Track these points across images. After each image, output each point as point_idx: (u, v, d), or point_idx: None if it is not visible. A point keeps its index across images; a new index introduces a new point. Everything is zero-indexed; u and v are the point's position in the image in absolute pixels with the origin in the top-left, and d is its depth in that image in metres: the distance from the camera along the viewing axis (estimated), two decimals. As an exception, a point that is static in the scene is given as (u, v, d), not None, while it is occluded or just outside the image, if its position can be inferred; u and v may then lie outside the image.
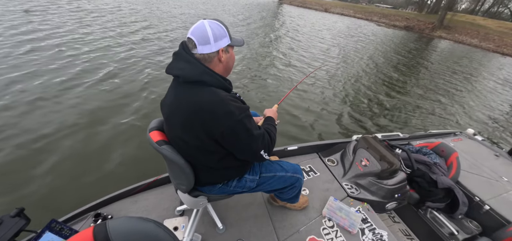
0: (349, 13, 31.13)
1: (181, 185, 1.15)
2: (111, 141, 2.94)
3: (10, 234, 1.00)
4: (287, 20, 17.05)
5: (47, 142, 2.76)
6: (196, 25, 0.93)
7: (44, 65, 4.47)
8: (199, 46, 0.92)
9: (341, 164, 2.12)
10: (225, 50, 0.99)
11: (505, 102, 7.50)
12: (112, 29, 7.48)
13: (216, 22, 0.96)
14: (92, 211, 1.46)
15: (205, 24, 0.93)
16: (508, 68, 13.78)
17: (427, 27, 25.80)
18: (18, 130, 2.86)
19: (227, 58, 1.01)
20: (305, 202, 1.69)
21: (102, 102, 3.66)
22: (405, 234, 2.10)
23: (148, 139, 1.06)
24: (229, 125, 0.91)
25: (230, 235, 1.45)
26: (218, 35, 0.94)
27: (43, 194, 2.20)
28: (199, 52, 0.93)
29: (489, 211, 1.89)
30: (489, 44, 22.05)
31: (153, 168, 2.29)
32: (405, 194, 1.89)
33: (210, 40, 0.92)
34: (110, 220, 0.61)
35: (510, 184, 2.19)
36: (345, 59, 9.09)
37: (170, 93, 1.03)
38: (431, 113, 5.61)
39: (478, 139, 2.96)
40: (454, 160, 2.17)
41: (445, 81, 8.47)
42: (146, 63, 5.40)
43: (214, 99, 0.90)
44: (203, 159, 1.04)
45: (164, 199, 1.63)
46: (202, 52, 0.93)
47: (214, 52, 0.95)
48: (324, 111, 4.66)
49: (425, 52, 14.20)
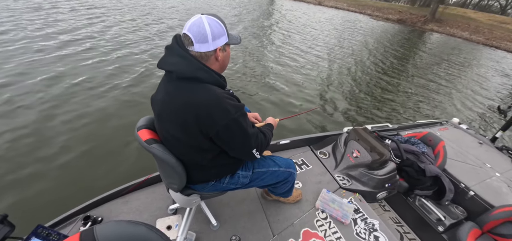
0: (343, 6, 30.99)
1: (172, 184, 1.12)
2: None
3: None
4: (282, 16, 16.78)
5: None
6: (193, 21, 0.88)
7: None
8: (196, 44, 0.88)
9: (333, 156, 2.15)
10: (223, 48, 0.95)
11: (489, 92, 7.82)
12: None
13: (214, 19, 0.91)
14: (81, 214, 1.42)
15: (204, 21, 0.88)
16: (497, 60, 14.23)
17: (420, 20, 26.05)
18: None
19: (224, 57, 0.98)
20: (299, 196, 1.70)
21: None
22: (395, 222, 2.16)
23: (136, 138, 1.02)
24: (224, 123, 0.89)
25: (225, 232, 1.45)
26: (216, 33, 0.90)
27: (26, 199, 2.12)
28: (196, 50, 0.89)
29: (474, 196, 1.97)
30: (479, 37, 22.43)
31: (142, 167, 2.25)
32: (395, 183, 1.94)
33: (208, 39, 0.88)
34: (98, 225, 0.58)
35: (493, 170, 2.29)
36: (337, 52, 9.16)
37: (161, 88, 0.99)
38: (420, 102, 5.80)
39: (463, 127, 3.07)
40: (441, 149, 2.24)
41: (433, 73, 8.72)
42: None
43: (210, 97, 0.88)
44: (196, 156, 1.02)
45: (156, 198, 1.60)
46: (200, 50, 0.89)
47: (212, 51, 0.91)
48: (316, 102, 4.70)
49: (417, 45, 14.45)
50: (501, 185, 2.11)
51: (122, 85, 4.13)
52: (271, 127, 1.27)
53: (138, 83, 4.32)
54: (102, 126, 3.11)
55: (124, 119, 3.29)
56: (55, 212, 1.36)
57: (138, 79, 4.45)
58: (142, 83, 4.33)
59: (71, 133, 2.89)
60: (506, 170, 2.34)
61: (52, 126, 2.96)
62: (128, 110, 3.53)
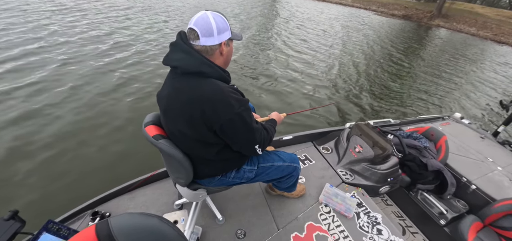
0: (348, 2, 30.49)
1: (179, 179, 1.14)
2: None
3: (6, 238, 0.98)
4: (289, 12, 16.59)
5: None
6: (199, 16, 0.91)
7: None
8: (202, 37, 0.90)
9: (336, 152, 2.17)
10: (226, 43, 0.98)
11: (495, 86, 7.79)
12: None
13: (219, 15, 0.94)
14: (89, 210, 1.45)
15: (209, 16, 0.91)
16: (505, 56, 14.06)
17: (426, 16, 25.49)
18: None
19: (227, 51, 1.01)
20: (302, 190, 1.72)
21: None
22: (397, 216, 2.19)
23: (144, 134, 1.04)
24: (228, 117, 0.91)
25: (230, 226, 1.47)
26: (221, 28, 0.93)
27: (35, 197, 2.15)
28: (202, 43, 0.91)
29: (476, 190, 1.99)
30: (487, 32, 21.92)
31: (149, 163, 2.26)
32: (397, 177, 1.96)
33: (214, 32, 0.91)
34: (112, 217, 0.60)
35: (495, 164, 2.30)
36: (342, 47, 9.13)
37: (167, 84, 1.01)
38: (424, 98, 5.80)
39: (465, 122, 3.07)
40: (443, 144, 2.25)
41: (439, 69, 8.66)
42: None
43: (215, 91, 0.90)
44: (202, 151, 1.04)
45: (162, 193, 1.63)
46: (205, 44, 0.92)
47: (217, 45, 0.94)
48: (318, 98, 4.71)
49: (423, 41, 14.30)
50: (503, 179, 2.12)
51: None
52: (274, 123, 1.28)
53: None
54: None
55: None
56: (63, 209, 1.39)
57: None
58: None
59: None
60: (507, 164, 2.35)
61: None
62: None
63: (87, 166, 2.50)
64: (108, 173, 2.46)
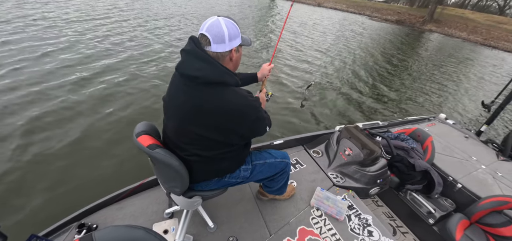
0: (342, 7, 31.19)
1: (175, 188, 1.12)
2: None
3: (-15, 254, 0.93)
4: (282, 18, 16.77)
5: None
6: (211, 22, 0.92)
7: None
8: (214, 44, 0.92)
9: (326, 155, 2.19)
10: (237, 49, 1.01)
11: (482, 88, 8.15)
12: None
13: (231, 21, 0.96)
14: (75, 222, 1.40)
15: (221, 22, 0.92)
16: (490, 59, 14.64)
17: (418, 20, 26.38)
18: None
19: (237, 57, 1.03)
20: (292, 190, 1.74)
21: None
22: (388, 217, 2.22)
23: (136, 144, 1.00)
24: (253, 118, 1.01)
25: (222, 233, 1.46)
26: (232, 34, 0.95)
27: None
28: (213, 50, 0.93)
29: (462, 189, 2.05)
30: (477, 37, 22.84)
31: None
32: (386, 179, 1.99)
33: (225, 39, 0.93)
34: (96, 231, 0.59)
35: (479, 163, 2.39)
36: (335, 52, 9.29)
37: (177, 91, 0.99)
38: (412, 100, 5.98)
39: (449, 122, 3.18)
40: (429, 144, 2.32)
41: (429, 72, 8.99)
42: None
43: (240, 99, 0.96)
44: (223, 149, 1.07)
45: (152, 202, 1.59)
46: (216, 50, 0.94)
47: (227, 51, 0.96)
48: (309, 102, 4.76)
49: (414, 46, 14.74)
50: (487, 177, 2.20)
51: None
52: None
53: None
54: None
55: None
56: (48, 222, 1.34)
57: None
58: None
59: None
60: (491, 162, 2.44)
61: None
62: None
63: (75, 178, 2.43)
64: (96, 183, 2.39)
